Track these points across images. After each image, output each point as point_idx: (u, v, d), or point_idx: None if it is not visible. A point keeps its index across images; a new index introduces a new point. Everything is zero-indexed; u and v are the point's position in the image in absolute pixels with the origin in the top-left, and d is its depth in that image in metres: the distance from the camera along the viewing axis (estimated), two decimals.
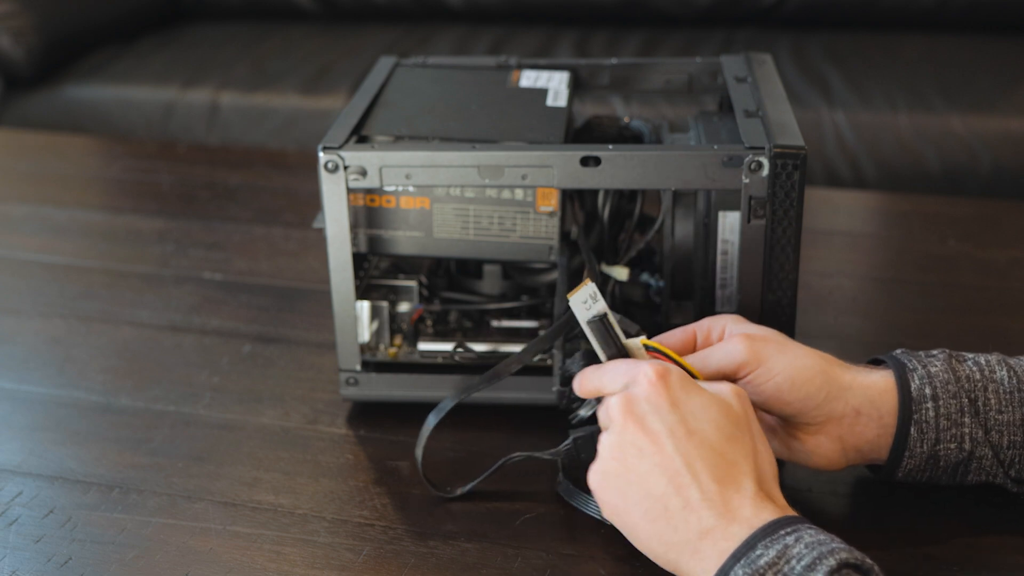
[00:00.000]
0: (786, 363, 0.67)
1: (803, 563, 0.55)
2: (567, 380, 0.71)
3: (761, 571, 0.56)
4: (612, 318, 0.67)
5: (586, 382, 0.68)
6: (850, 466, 0.71)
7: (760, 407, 0.68)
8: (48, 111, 2.05)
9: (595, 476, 0.64)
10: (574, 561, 0.67)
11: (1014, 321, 0.97)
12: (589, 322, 0.67)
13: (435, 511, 0.74)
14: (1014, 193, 1.74)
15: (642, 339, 0.68)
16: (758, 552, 0.57)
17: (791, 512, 0.60)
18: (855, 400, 0.68)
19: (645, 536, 0.62)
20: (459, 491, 0.74)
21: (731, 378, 0.67)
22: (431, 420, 0.75)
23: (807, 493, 0.73)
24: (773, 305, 0.77)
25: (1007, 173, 1.75)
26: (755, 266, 0.76)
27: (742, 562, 0.57)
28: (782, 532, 0.57)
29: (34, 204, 1.30)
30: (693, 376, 0.67)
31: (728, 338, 0.69)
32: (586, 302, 0.67)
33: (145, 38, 2.27)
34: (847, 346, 0.71)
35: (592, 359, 0.70)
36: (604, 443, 0.64)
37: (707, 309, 0.81)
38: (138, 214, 1.26)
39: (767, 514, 0.59)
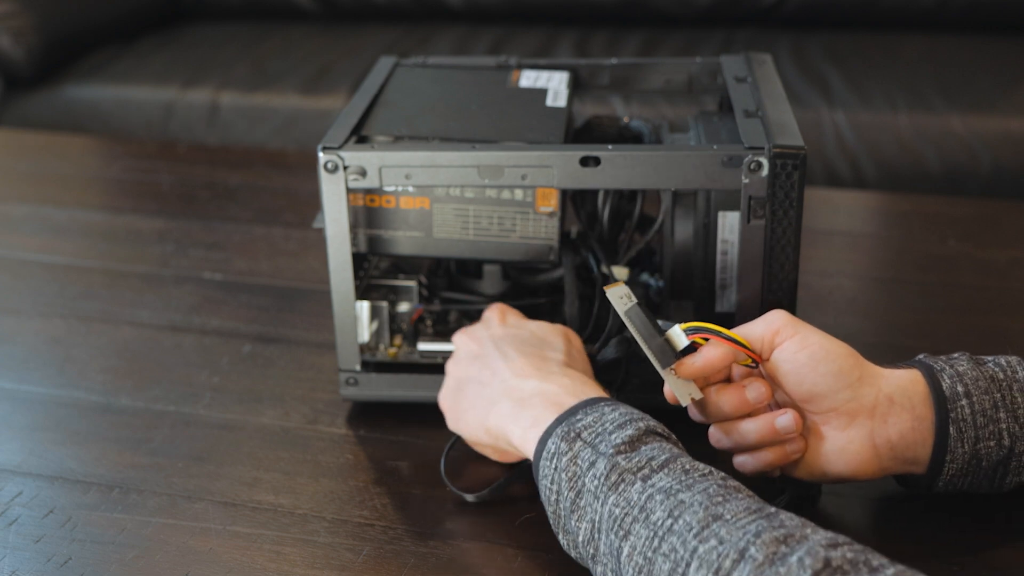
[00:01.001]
0: (821, 337, 0.68)
1: (615, 423, 0.64)
2: (605, 367, 0.77)
3: (578, 431, 0.64)
4: (645, 308, 0.71)
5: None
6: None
7: (793, 380, 0.67)
8: (48, 111, 2.05)
9: (441, 393, 0.78)
10: (574, 561, 0.67)
11: (1014, 321, 0.97)
12: (628, 312, 0.70)
13: (435, 511, 0.74)
14: (1014, 193, 1.73)
15: (681, 325, 0.69)
16: (578, 416, 0.65)
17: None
18: (887, 388, 0.67)
19: (464, 410, 0.74)
20: (480, 494, 0.74)
21: (770, 346, 0.68)
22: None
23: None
24: (773, 305, 0.77)
25: (1007, 173, 1.74)
26: (755, 266, 0.76)
27: (563, 424, 0.65)
28: (602, 404, 0.66)
29: (34, 204, 1.30)
30: (746, 347, 0.68)
31: (767, 313, 0.70)
32: (622, 298, 0.71)
33: (145, 38, 2.27)
34: None
35: (624, 347, 0.76)
36: (447, 365, 0.78)
37: (707, 309, 0.81)
38: (138, 214, 1.26)
39: (571, 380, 0.70)
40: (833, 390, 0.67)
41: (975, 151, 1.75)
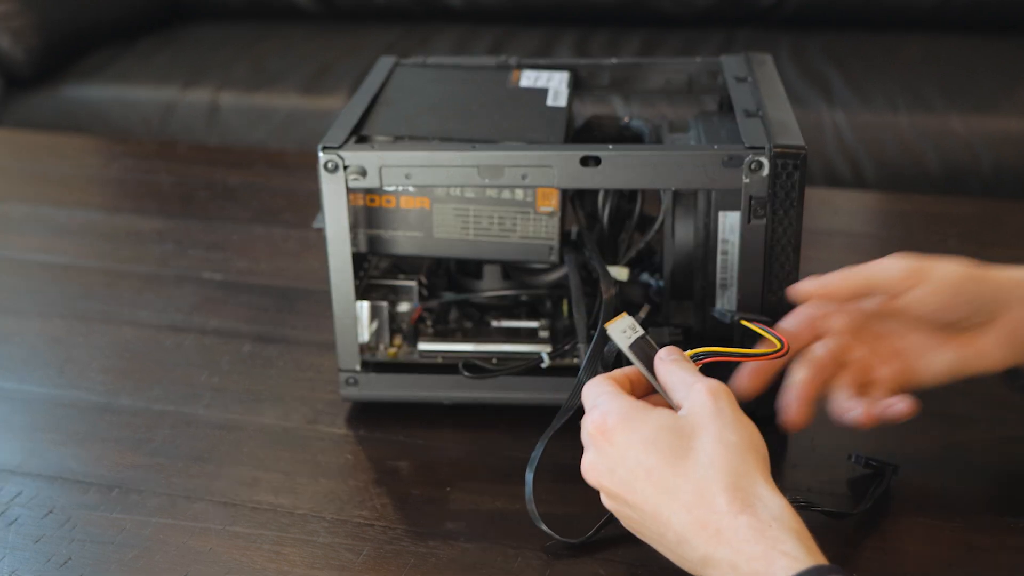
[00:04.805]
0: (944, 272, 0.69)
1: None
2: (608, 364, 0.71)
3: None
4: (651, 340, 0.68)
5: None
6: (848, 465, 0.71)
7: (929, 320, 0.70)
8: (48, 111, 2.05)
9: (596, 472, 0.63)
10: (574, 561, 0.67)
11: None
12: (632, 346, 0.67)
13: (435, 511, 0.74)
14: (1015, 193, 1.73)
15: (688, 352, 0.67)
16: None
17: (805, 538, 0.56)
18: (1020, 290, 0.70)
19: (663, 553, 0.61)
20: (582, 539, 0.70)
21: (900, 290, 0.69)
22: (528, 475, 0.71)
23: (805, 493, 0.73)
24: (774, 305, 0.77)
25: (1008, 173, 1.74)
26: (755, 266, 0.76)
27: None
28: None
29: (34, 204, 1.30)
30: (757, 356, 0.69)
31: (884, 258, 0.70)
32: (625, 331, 0.68)
33: (145, 38, 2.27)
34: None
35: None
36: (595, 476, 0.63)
37: (707, 309, 0.81)
38: (138, 214, 1.26)
39: (750, 531, 0.55)
40: (970, 315, 0.70)
41: (976, 151, 1.75)
